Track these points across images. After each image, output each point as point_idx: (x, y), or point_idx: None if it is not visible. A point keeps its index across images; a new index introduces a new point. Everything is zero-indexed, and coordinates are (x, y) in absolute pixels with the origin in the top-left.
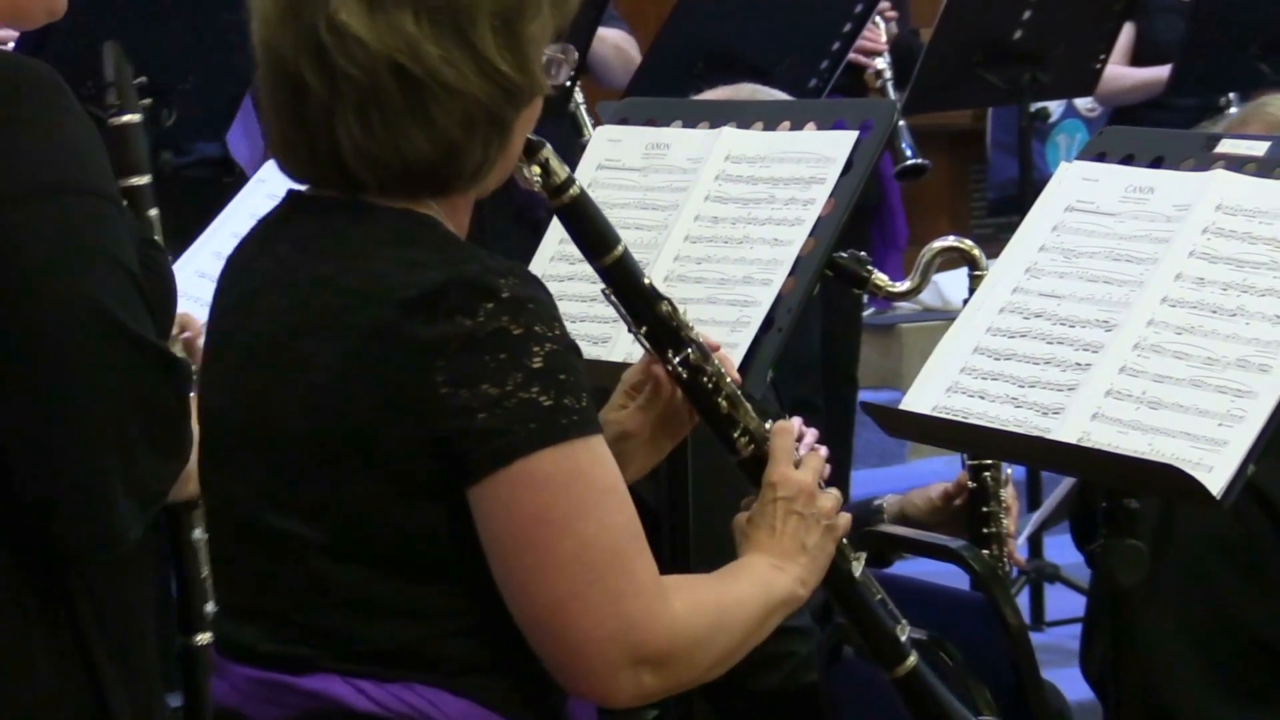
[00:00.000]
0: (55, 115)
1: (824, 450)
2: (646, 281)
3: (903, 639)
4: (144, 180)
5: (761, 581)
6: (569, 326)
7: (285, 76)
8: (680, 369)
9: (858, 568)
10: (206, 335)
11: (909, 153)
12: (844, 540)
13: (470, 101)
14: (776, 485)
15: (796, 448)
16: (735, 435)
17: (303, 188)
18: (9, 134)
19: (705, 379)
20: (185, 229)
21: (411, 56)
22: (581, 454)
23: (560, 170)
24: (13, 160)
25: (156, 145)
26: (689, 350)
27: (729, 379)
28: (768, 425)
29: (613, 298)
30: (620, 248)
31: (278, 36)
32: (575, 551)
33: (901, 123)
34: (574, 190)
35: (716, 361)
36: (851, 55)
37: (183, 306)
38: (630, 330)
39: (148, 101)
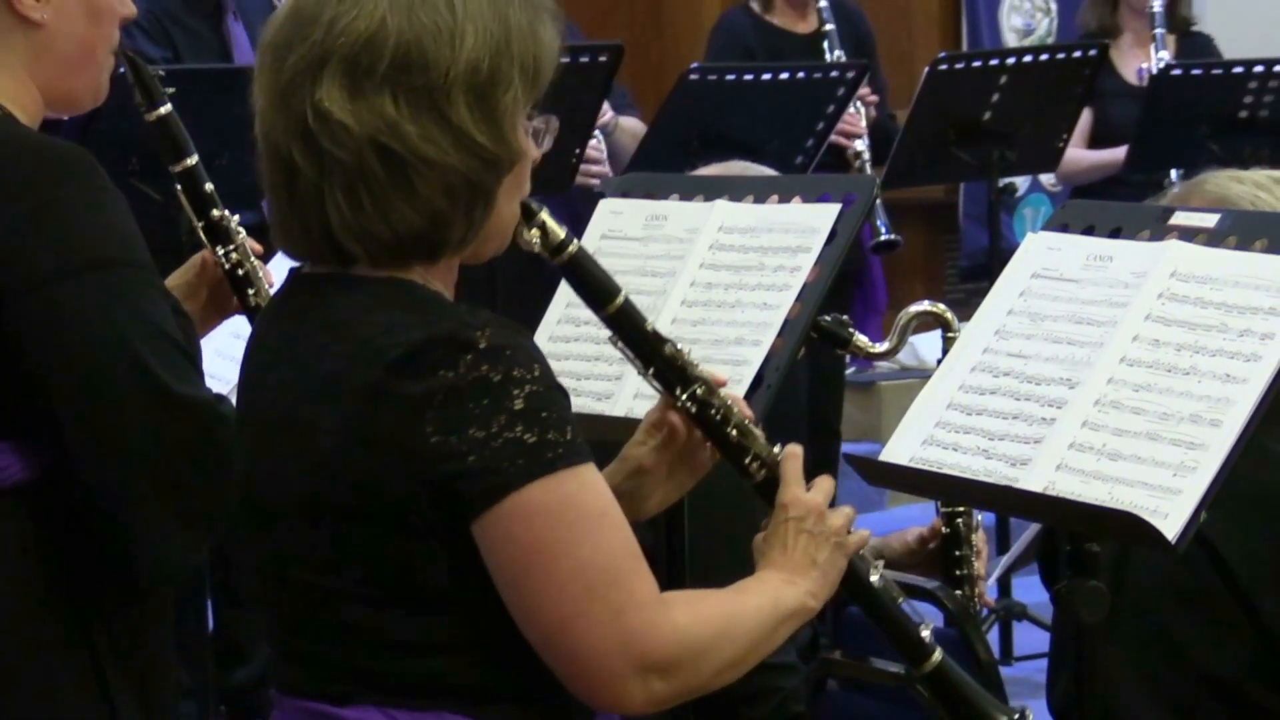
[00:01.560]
0: (96, 195)
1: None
2: (649, 327)
3: (926, 637)
4: (193, 160)
5: (771, 593)
6: (574, 384)
7: (280, 161)
8: (689, 404)
9: (877, 576)
10: (236, 406)
11: (883, 229)
12: (864, 552)
13: (450, 173)
14: (788, 506)
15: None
16: (747, 461)
17: (303, 265)
18: (57, 213)
19: (714, 412)
20: None
21: (392, 136)
22: (570, 483)
23: (558, 231)
24: (62, 238)
25: None
26: (696, 386)
27: (737, 410)
28: (776, 450)
29: (619, 344)
30: (622, 297)
31: (271, 124)
32: (573, 573)
33: (877, 201)
34: (573, 248)
35: (724, 395)
36: (832, 137)
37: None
38: (640, 373)
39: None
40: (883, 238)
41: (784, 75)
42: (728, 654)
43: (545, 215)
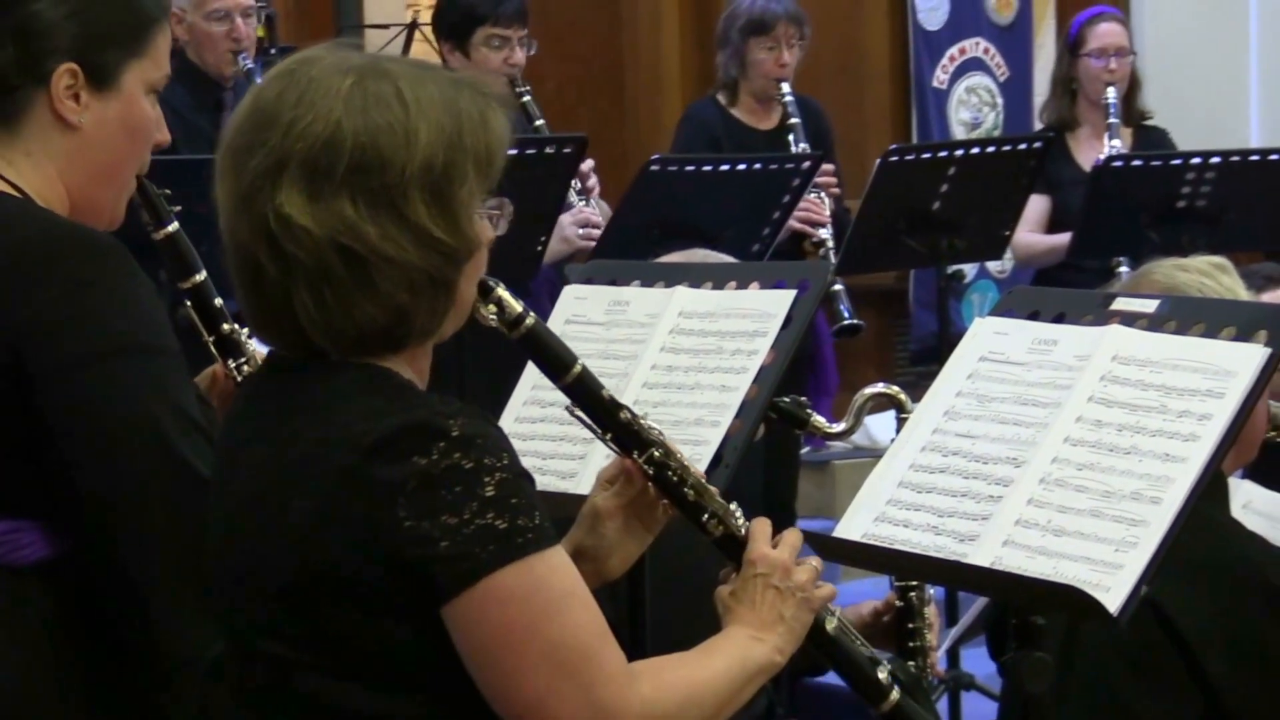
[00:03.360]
0: (127, 281)
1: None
2: (605, 394)
3: (883, 677)
4: (202, 276)
5: (739, 652)
6: (540, 463)
7: (246, 259)
8: (647, 466)
9: (832, 623)
10: (211, 481)
11: (846, 314)
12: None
13: (412, 269)
14: (755, 563)
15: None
16: (704, 519)
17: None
18: (87, 297)
19: (670, 473)
20: None
21: (352, 237)
22: (539, 567)
23: (514, 305)
24: (91, 323)
25: None
26: (653, 450)
27: (693, 470)
28: (733, 506)
29: (577, 412)
30: (579, 366)
31: (236, 225)
32: (545, 652)
33: (840, 286)
34: (529, 321)
35: (680, 456)
36: (797, 225)
37: None
38: (599, 438)
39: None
40: (845, 322)
41: (741, 166)
42: (695, 718)
43: (501, 291)
